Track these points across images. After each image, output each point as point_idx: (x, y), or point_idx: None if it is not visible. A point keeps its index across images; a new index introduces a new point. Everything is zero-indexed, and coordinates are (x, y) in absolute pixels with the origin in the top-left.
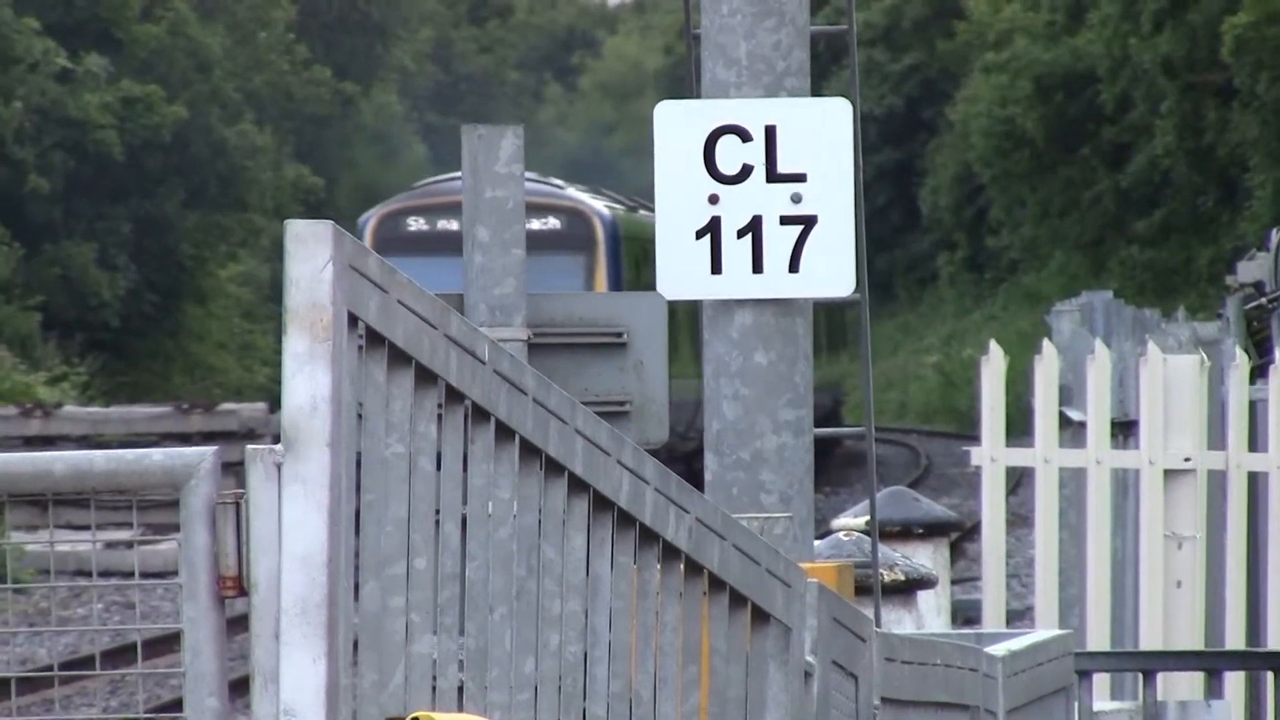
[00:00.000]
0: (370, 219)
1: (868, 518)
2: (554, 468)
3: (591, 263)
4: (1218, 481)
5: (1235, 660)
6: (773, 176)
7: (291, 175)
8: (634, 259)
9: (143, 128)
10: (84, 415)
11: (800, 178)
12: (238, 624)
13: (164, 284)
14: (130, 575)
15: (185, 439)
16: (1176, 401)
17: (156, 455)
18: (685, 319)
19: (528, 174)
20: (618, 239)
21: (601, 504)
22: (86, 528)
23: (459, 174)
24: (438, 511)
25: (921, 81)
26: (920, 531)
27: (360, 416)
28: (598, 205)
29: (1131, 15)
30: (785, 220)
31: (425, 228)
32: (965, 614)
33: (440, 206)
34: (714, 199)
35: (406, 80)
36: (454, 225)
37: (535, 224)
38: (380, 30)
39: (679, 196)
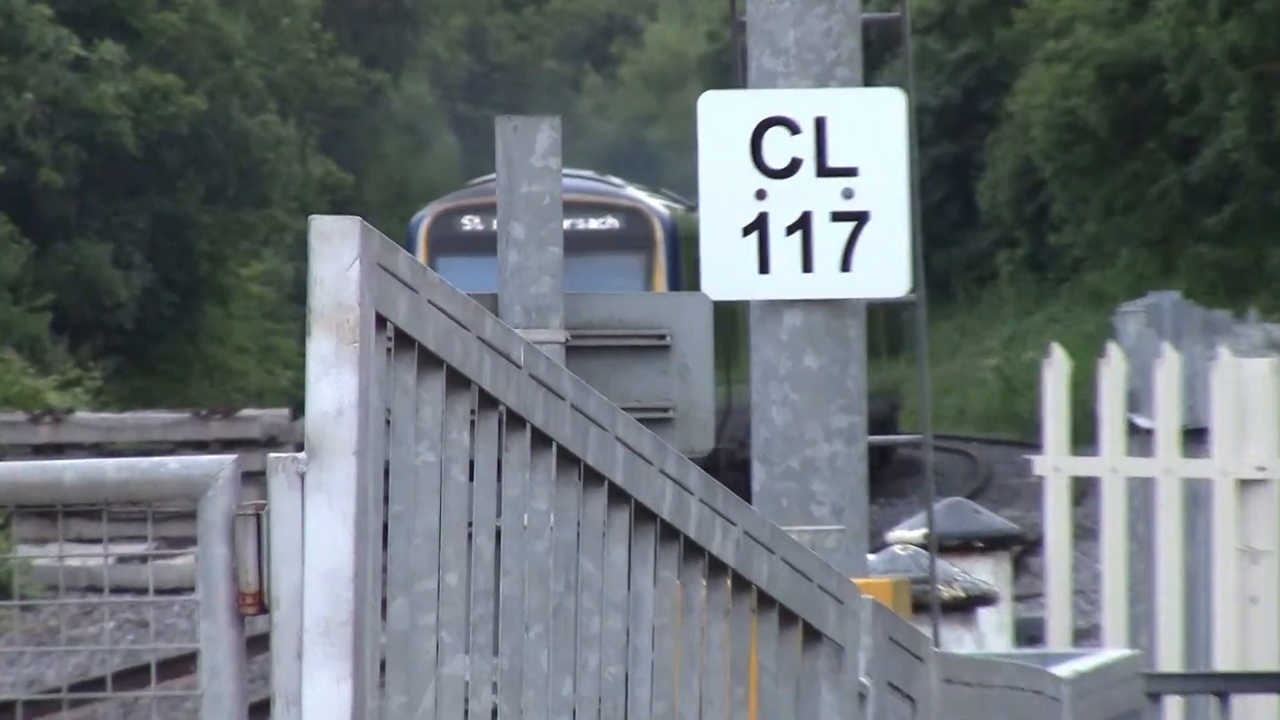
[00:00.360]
0: (424, 218)
1: (925, 530)
2: (593, 477)
3: (650, 264)
4: None
5: None
6: (823, 170)
7: (317, 170)
8: (693, 260)
9: (160, 119)
10: (96, 422)
11: (852, 172)
12: (258, 643)
13: (182, 283)
14: (144, 592)
15: (203, 447)
16: (1250, 408)
17: (172, 464)
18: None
19: (584, 172)
20: (677, 239)
21: (643, 516)
22: (98, 541)
23: None
24: (470, 524)
25: (979, 71)
26: (981, 545)
27: (388, 423)
28: (656, 205)
29: (1198, 1)
30: (836, 216)
31: (480, 227)
32: (1028, 632)
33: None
34: (761, 194)
35: (438, 69)
36: None
37: (593, 223)
38: (410, 17)
39: (724, 192)
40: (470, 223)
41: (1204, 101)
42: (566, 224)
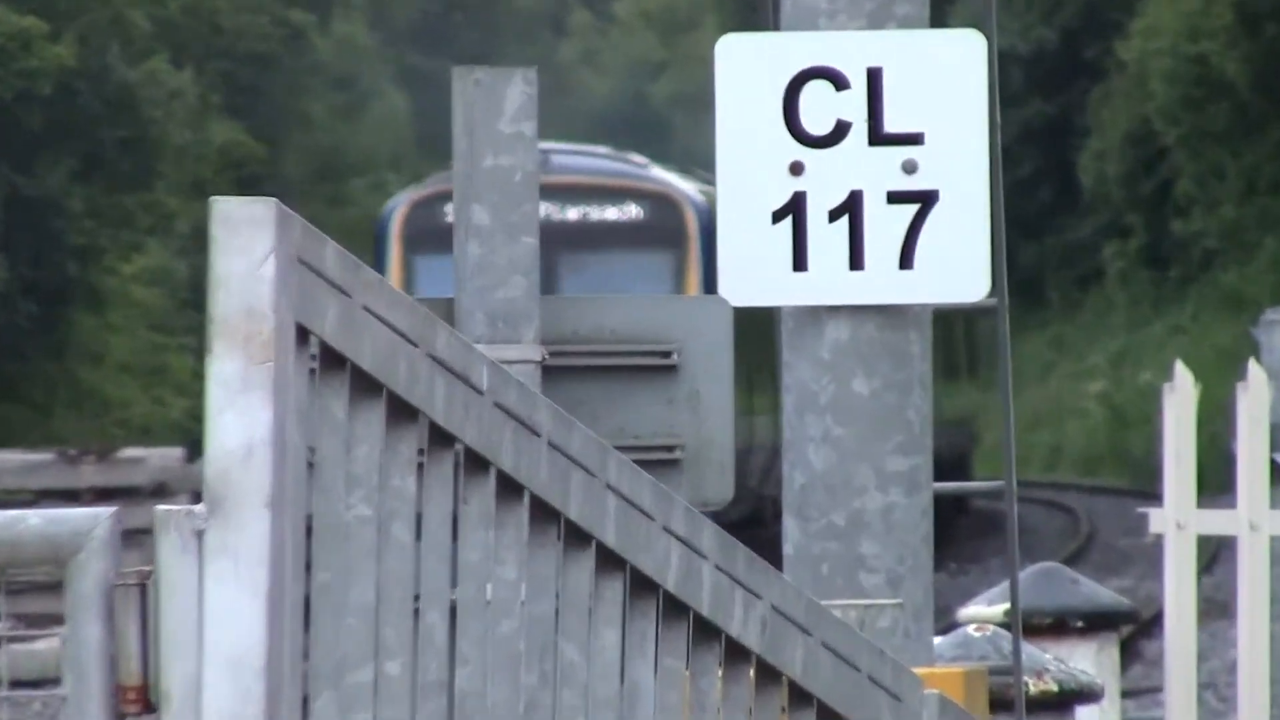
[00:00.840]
0: (397, 207)
1: (1007, 606)
2: (578, 537)
3: (682, 262)
4: None
5: None
6: (878, 138)
7: (220, 137)
8: None
9: (16, 75)
10: None
11: (916, 139)
12: None
13: (45, 285)
14: None
15: (73, 497)
16: None
17: (33, 519)
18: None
19: (597, 148)
20: (714, 231)
21: (642, 587)
22: None
23: None
24: (417, 597)
25: (1083, 8)
26: (1080, 625)
27: (312, 466)
28: (689, 189)
29: None
30: (895, 197)
31: None
32: None
33: None
34: (797, 168)
35: (379, 7)
36: None
37: (611, 213)
38: None
39: (748, 165)
40: (453, 212)
41: None
42: (578, 214)
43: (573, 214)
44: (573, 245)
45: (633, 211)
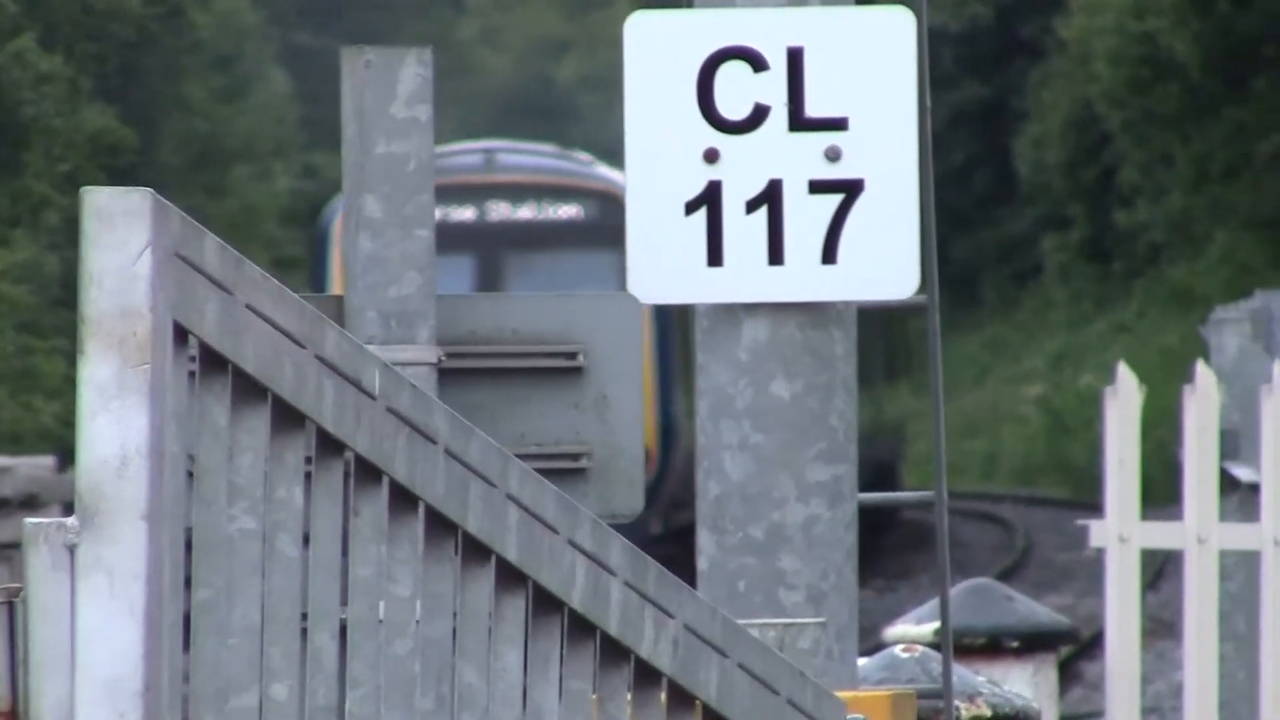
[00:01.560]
0: (337, 211)
1: (937, 625)
2: (476, 551)
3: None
4: None
5: None
6: (799, 123)
7: (92, 124)
8: None
9: None
10: None
11: (839, 124)
12: None
13: None
14: None
15: None
16: None
17: None
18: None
19: (543, 147)
20: None
21: (546, 605)
22: None
23: (469, 146)
24: (305, 616)
25: None
26: (1015, 645)
27: (192, 476)
28: None
29: None
30: (817, 187)
31: None
32: None
33: (440, 190)
34: (712, 156)
35: None
36: (466, 214)
37: (559, 212)
38: None
39: (659, 152)
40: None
41: None
42: (526, 214)
43: (519, 213)
44: (519, 245)
45: (579, 210)
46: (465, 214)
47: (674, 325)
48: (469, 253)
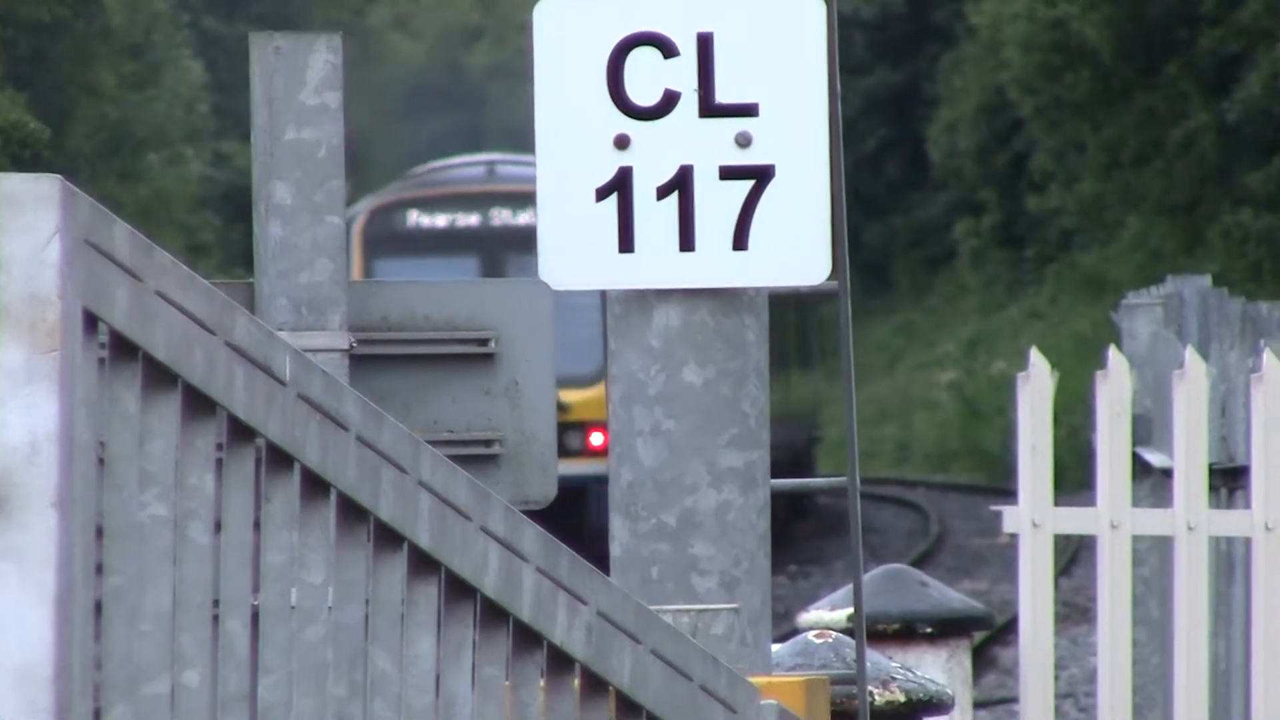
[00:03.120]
0: (357, 215)
1: (850, 610)
2: (389, 538)
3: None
4: None
5: None
6: (709, 109)
7: (3, 118)
8: None
9: None
10: None
11: (750, 110)
12: None
13: None
14: None
15: None
16: None
17: None
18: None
19: (525, 158)
20: None
21: (459, 591)
22: None
23: (473, 159)
24: (216, 603)
25: None
26: (929, 630)
27: (102, 462)
28: None
29: None
30: (728, 173)
31: (425, 224)
32: None
33: (448, 199)
34: (622, 142)
35: None
36: (471, 220)
37: (516, 218)
38: None
39: (569, 139)
40: (414, 219)
41: (1247, 8)
42: (525, 220)
43: (519, 219)
44: (519, 248)
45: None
46: (470, 220)
47: None
48: (474, 256)
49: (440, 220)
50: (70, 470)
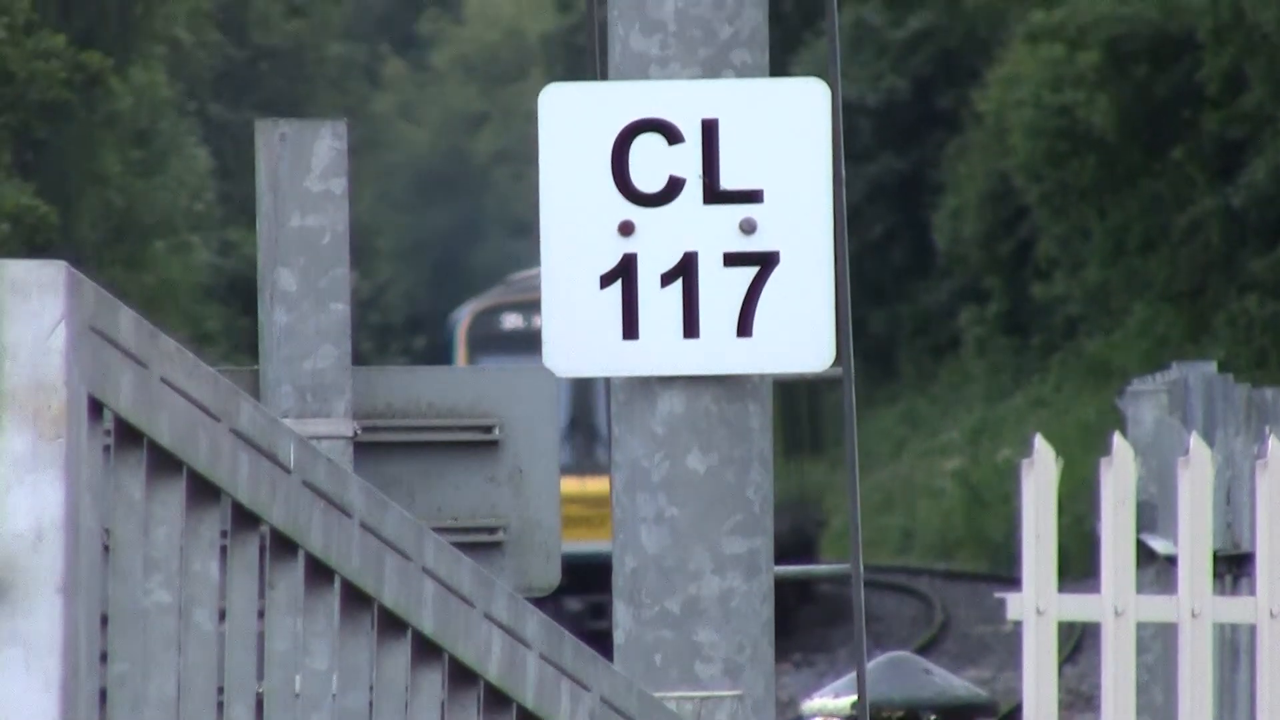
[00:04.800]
0: (462, 317)
1: (855, 698)
2: (392, 624)
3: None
4: None
5: None
6: (714, 195)
7: (11, 201)
8: None
9: None
10: None
11: (754, 197)
12: None
13: None
14: None
15: None
16: None
17: None
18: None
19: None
20: None
21: (462, 678)
22: None
23: None
24: (221, 690)
25: (937, 54)
26: (933, 718)
27: (107, 549)
28: None
29: None
30: (732, 259)
31: (523, 325)
32: None
33: (532, 303)
34: (627, 228)
35: (179, 55)
36: None
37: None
38: None
39: (574, 225)
40: (512, 321)
41: (1252, 93)
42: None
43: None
44: None
45: None
46: None
47: None
48: None
49: (536, 322)
50: (75, 556)
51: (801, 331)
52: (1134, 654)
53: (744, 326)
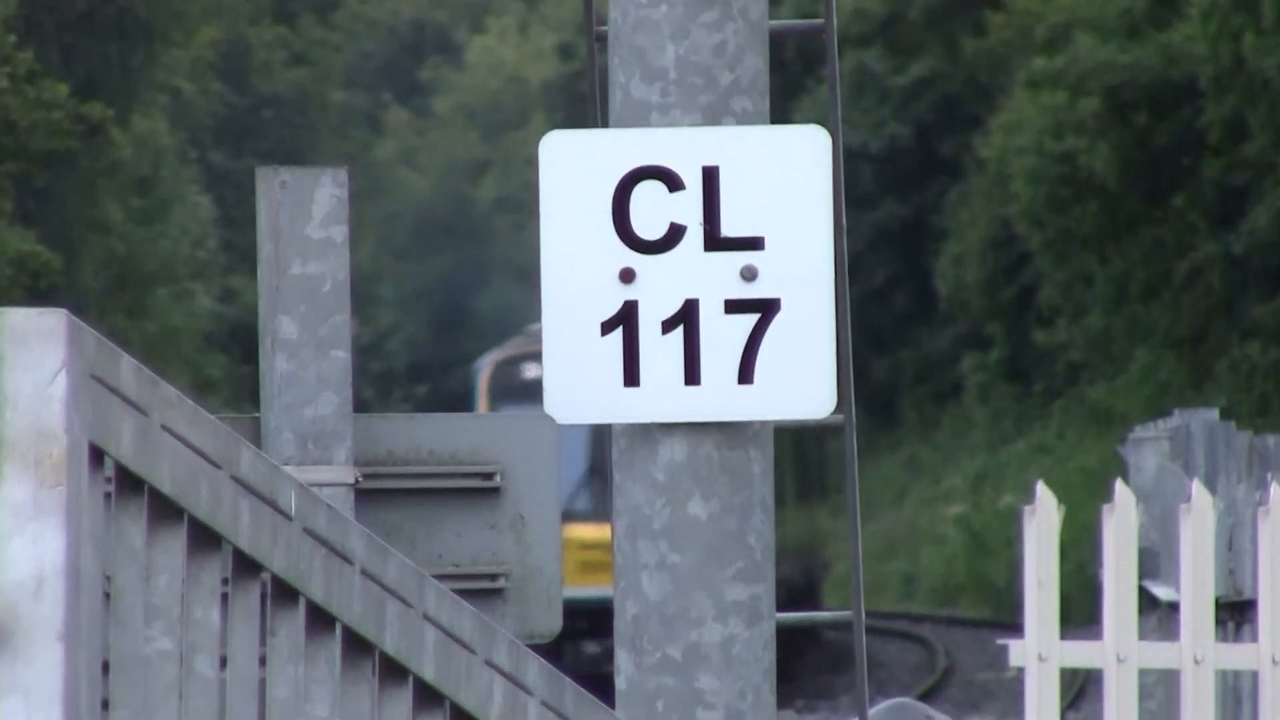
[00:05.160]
0: (483, 367)
1: None
2: (394, 671)
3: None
4: None
5: None
6: (715, 242)
7: (13, 247)
8: None
9: None
10: None
11: (755, 244)
12: None
13: None
14: None
15: None
16: None
17: None
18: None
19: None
20: None
21: None
22: None
23: None
24: None
25: (939, 101)
26: None
27: (109, 597)
28: None
29: (1246, 1)
30: (733, 306)
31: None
32: None
33: None
34: (628, 275)
35: (181, 103)
36: None
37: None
38: (143, 29)
39: (575, 272)
40: (532, 370)
41: (1254, 141)
42: None
43: None
44: None
45: None
46: None
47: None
48: None
49: None
50: (76, 604)
51: (803, 378)
52: (1136, 701)
53: (745, 373)
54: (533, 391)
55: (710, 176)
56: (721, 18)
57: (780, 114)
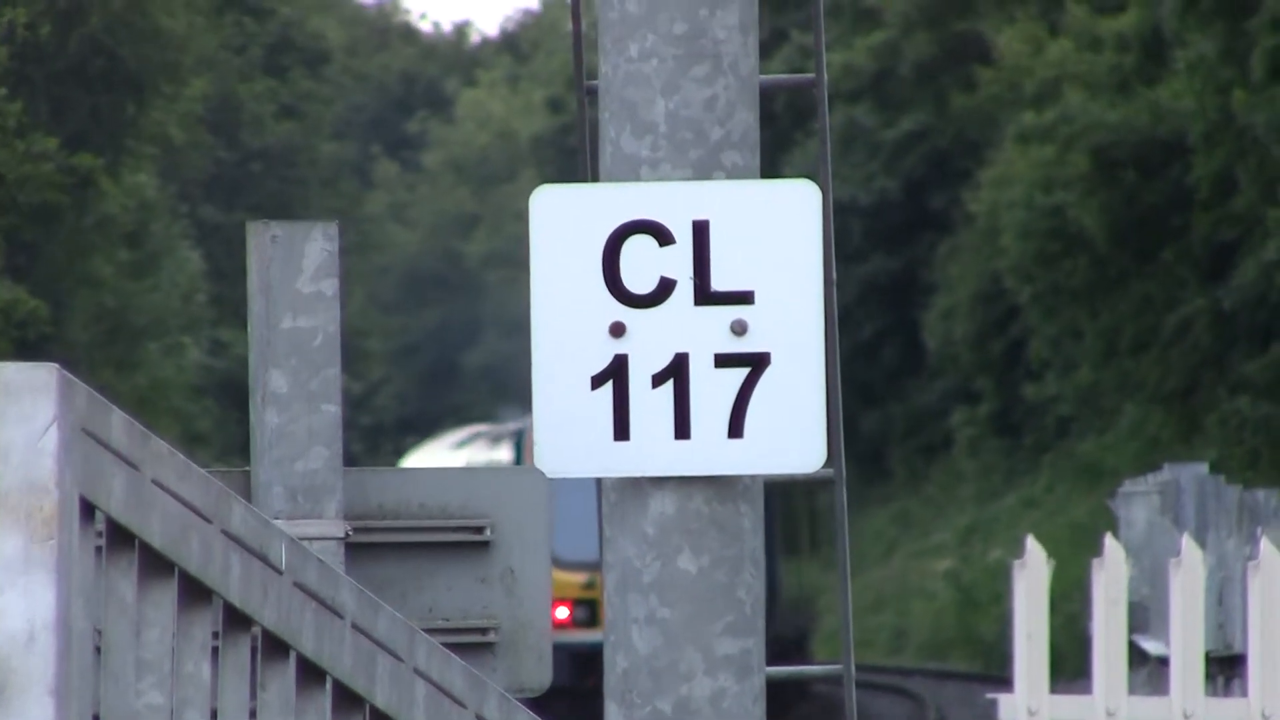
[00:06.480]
0: (527, 427)
1: None
2: None
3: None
4: None
5: None
6: (705, 296)
7: (2, 297)
8: None
9: None
10: None
11: (745, 298)
12: None
13: None
14: None
15: None
16: None
17: None
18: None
19: None
20: None
21: None
22: None
23: None
24: None
25: (928, 155)
26: None
27: (99, 651)
28: None
29: (1235, 57)
30: (723, 360)
31: None
32: None
33: None
34: (618, 330)
35: (170, 156)
36: None
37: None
38: (132, 82)
39: (566, 326)
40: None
41: (1243, 195)
42: None
43: None
44: None
45: None
46: None
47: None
48: None
49: None
50: (67, 658)
51: (793, 432)
52: None
53: (735, 427)
54: None
55: (700, 231)
56: (712, 72)
57: (770, 167)
